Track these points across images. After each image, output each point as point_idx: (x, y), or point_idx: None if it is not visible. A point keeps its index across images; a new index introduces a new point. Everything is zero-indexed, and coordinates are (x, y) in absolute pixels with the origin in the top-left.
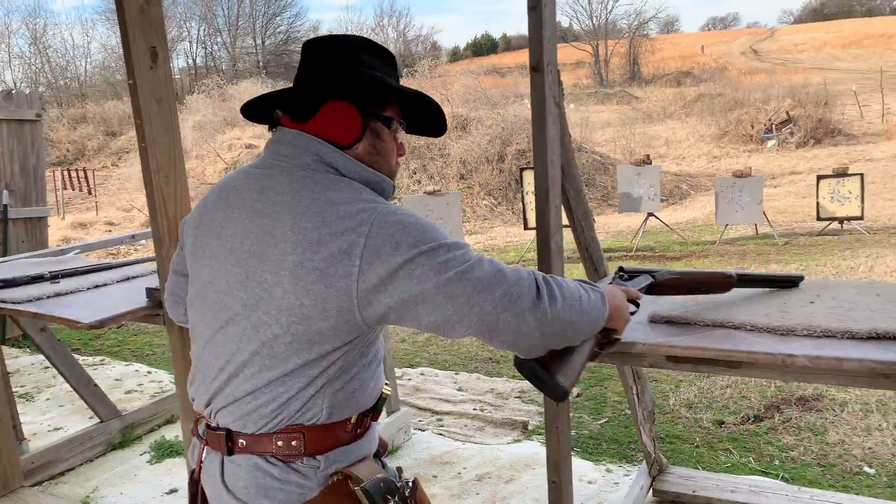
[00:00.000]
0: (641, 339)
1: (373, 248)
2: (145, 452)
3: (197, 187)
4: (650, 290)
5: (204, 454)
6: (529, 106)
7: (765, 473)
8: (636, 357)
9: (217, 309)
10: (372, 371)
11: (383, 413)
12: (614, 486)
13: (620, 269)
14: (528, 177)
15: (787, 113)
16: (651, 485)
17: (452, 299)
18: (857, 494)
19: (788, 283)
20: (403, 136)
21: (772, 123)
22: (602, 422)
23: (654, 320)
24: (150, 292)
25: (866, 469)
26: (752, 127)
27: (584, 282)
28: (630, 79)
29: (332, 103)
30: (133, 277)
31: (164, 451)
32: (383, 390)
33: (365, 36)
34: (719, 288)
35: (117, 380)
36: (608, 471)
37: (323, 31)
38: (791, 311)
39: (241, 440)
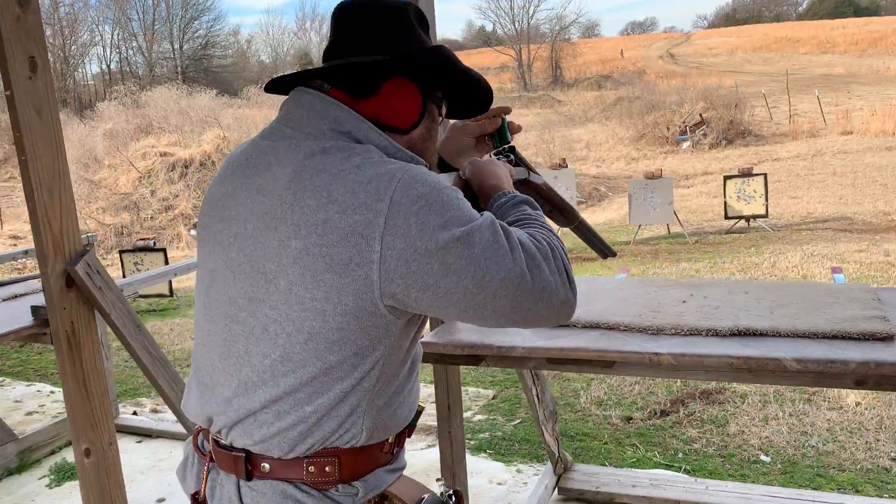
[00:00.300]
0: (520, 343)
1: (395, 228)
2: (44, 476)
3: (109, 198)
4: (521, 183)
5: (208, 473)
6: None
7: (668, 466)
8: (519, 360)
9: (221, 303)
10: (413, 382)
11: None
12: (523, 486)
13: (512, 148)
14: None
15: (701, 115)
16: (556, 483)
17: (495, 298)
18: (753, 482)
19: (603, 251)
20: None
21: (686, 126)
22: (515, 423)
23: None
24: (36, 310)
25: (762, 457)
26: (668, 129)
27: (517, 201)
28: (553, 83)
29: (395, 80)
30: (21, 295)
31: (65, 475)
32: (419, 405)
33: None
34: (568, 217)
35: (17, 401)
36: (518, 471)
37: (244, 35)
38: (663, 310)
39: (263, 464)
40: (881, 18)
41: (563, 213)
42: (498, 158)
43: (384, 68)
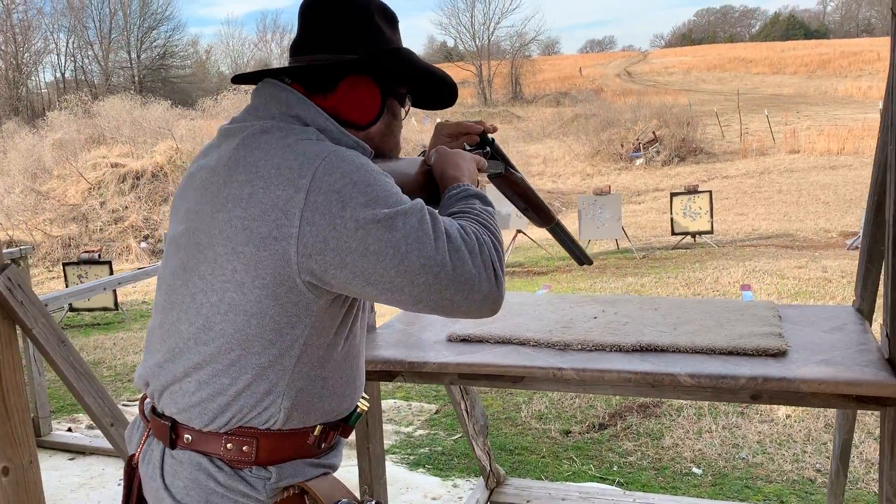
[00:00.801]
0: (433, 359)
1: (315, 204)
2: None
3: (57, 209)
4: (497, 177)
5: (147, 439)
6: None
7: (603, 479)
8: (432, 376)
9: (166, 274)
10: (346, 374)
11: None
12: (458, 500)
13: (492, 141)
14: None
15: (654, 133)
16: (489, 498)
17: (412, 285)
18: (684, 495)
19: (580, 258)
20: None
21: (639, 142)
22: (456, 437)
23: (451, 339)
24: None
25: (694, 470)
26: (622, 146)
27: (468, 194)
28: (513, 98)
29: (354, 78)
30: None
31: None
32: (359, 404)
33: None
34: (543, 217)
35: None
36: (455, 486)
37: (203, 46)
38: (574, 326)
39: (186, 435)
40: (829, 41)
41: (539, 212)
42: (473, 150)
43: (344, 67)
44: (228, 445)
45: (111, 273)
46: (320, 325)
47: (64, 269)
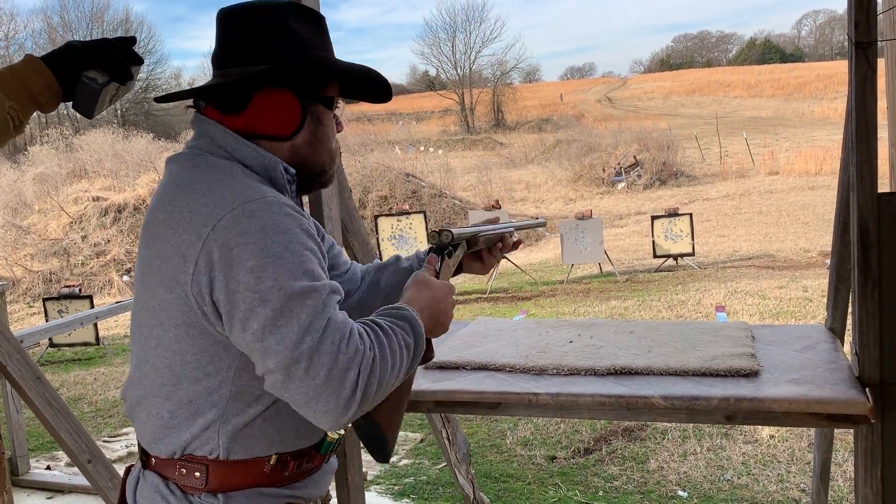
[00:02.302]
0: None
1: (208, 255)
2: None
3: (38, 244)
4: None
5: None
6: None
7: None
8: (409, 404)
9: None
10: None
11: None
12: None
13: (449, 234)
14: (383, 223)
15: (635, 157)
16: None
17: (264, 365)
18: None
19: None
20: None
21: (621, 167)
22: (441, 466)
23: (427, 367)
24: None
25: (680, 493)
26: (604, 171)
27: (396, 315)
28: (495, 126)
29: (266, 92)
30: None
31: None
32: (330, 433)
33: None
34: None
35: None
36: None
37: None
38: (549, 350)
39: (152, 458)
40: (805, 65)
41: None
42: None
43: (253, 81)
44: (182, 471)
45: (91, 307)
46: (249, 367)
47: (44, 305)
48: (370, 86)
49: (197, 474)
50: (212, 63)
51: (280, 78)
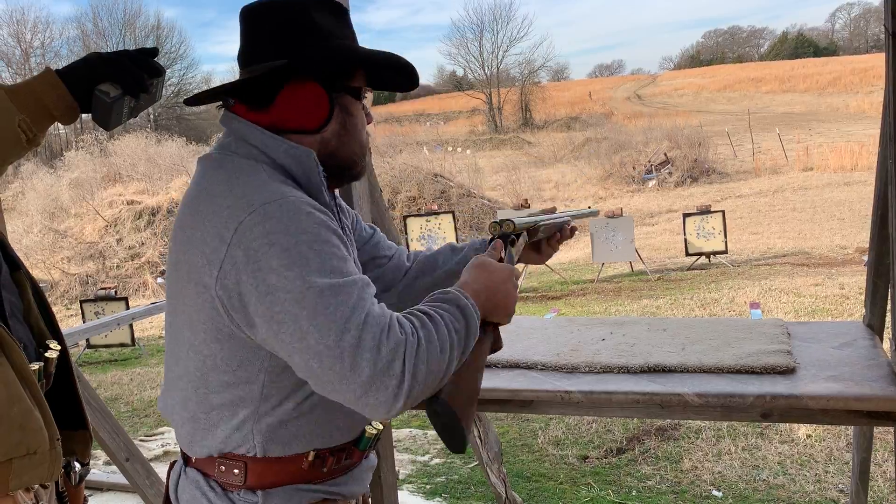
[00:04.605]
0: None
1: (233, 259)
2: None
3: (75, 247)
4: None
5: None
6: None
7: None
8: None
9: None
10: (336, 405)
11: None
12: None
13: (511, 224)
14: (412, 224)
15: (665, 154)
16: None
17: (307, 366)
18: None
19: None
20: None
21: (651, 164)
22: (472, 465)
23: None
24: None
25: (714, 493)
26: (634, 168)
27: (442, 299)
28: (523, 125)
29: (293, 85)
30: None
31: None
32: (368, 428)
33: None
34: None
35: None
36: None
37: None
38: (582, 348)
39: (193, 456)
40: (839, 58)
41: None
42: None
43: (278, 76)
44: (221, 468)
45: (127, 309)
46: (278, 367)
47: (81, 307)
48: (396, 73)
49: (236, 471)
50: (237, 61)
51: (305, 70)
